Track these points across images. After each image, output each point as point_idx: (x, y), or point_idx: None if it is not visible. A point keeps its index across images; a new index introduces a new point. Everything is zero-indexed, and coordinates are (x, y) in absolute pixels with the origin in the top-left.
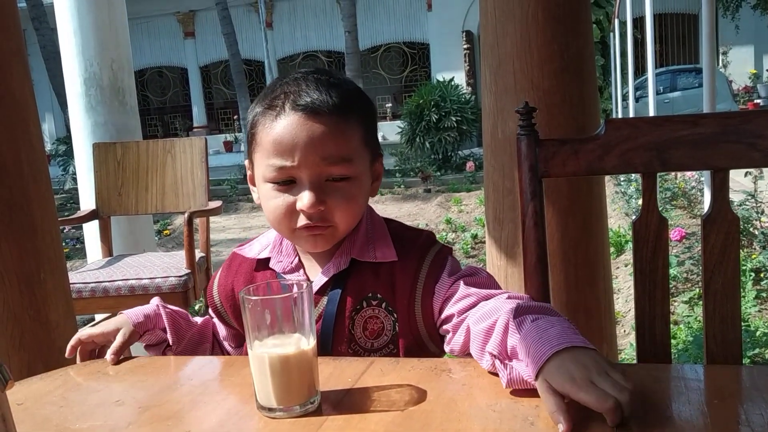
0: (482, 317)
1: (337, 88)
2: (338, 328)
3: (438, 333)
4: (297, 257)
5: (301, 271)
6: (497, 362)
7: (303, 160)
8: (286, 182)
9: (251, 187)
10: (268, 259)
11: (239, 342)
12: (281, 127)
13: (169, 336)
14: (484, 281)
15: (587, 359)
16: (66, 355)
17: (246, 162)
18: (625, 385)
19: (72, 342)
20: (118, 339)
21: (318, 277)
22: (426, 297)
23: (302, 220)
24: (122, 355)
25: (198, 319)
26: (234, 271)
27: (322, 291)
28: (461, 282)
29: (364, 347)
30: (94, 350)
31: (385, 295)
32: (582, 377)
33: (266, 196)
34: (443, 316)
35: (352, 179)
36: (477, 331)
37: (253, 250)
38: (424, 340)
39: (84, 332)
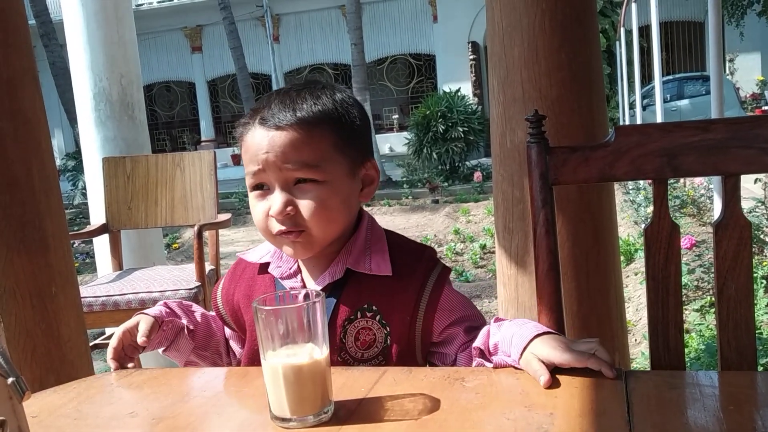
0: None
1: (305, 102)
2: (330, 338)
3: (429, 350)
4: (295, 263)
5: (299, 277)
6: (482, 359)
7: (267, 164)
8: (261, 188)
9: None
10: (268, 264)
11: (242, 343)
12: (250, 139)
13: (186, 323)
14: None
15: (560, 338)
16: (114, 370)
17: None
18: (594, 344)
19: (112, 356)
20: (143, 326)
21: (313, 285)
22: (429, 315)
23: (277, 226)
24: (148, 343)
25: (201, 309)
26: (237, 276)
27: None
28: (462, 330)
29: (353, 357)
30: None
31: (382, 308)
32: (561, 347)
33: (251, 204)
34: (440, 350)
35: (323, 183)
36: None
37: (256, 255)
38: (416, 354)
39: (112, 346)
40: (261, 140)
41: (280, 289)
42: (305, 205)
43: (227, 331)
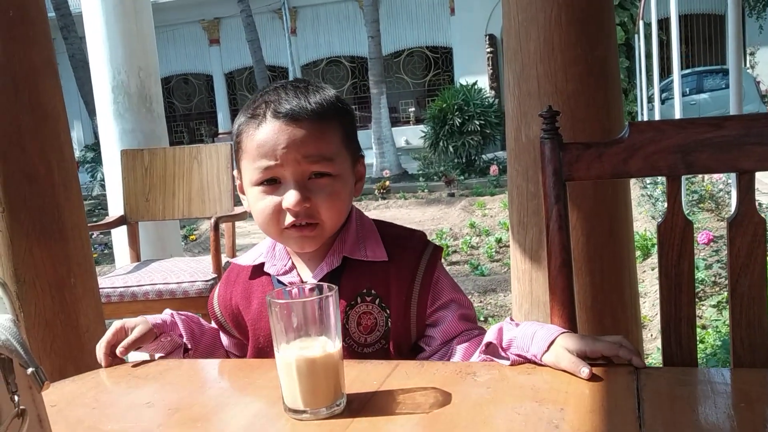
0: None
1: (315, 95)
2: None
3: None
4: (290, 259)
5: (294, 272)
6: (490, 355)
7: (285, 158)
8: (272, 182)
9: (241, 195)
10: (263, 265)
11: (242, 351)
12: (263, 132)
13: (185, 341)
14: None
15: (585, 335)
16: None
17: (234, 172)
18: (620, 338)
19: (104, 350)
20: (132, 335)
21: (309, 278)
22: (423, 295)
23: (289, 219)
24: (132, 351)
25: (208, 325)
26: (232, 281)
27: None
28: (452, 314)
29: (357, 342)
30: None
31: (380, 291)
32: (589, 339)
33: (254, 199)
34: (427, 333)
35: (335, 176)
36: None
37: (248, 258)
38: (413, 337)
39: (105, 339)
40: (278, 134)
41: (278, 287)
42: (320, 198)
43: (225, 341)
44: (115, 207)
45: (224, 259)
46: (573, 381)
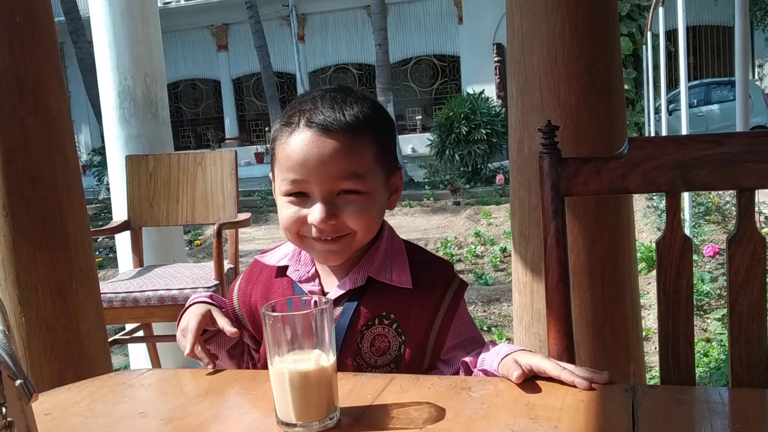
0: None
1: (352, 107)
2: (347, 341)
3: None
4: (314, 267)
5: (317, 281)
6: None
7: (313, 175)
8: (299, 195)
9: (276, 198)
10: (286, 267)
11: (256, 343)
12: (295, 142)
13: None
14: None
15: (540, 354)
16: (187, 354)
17: (270, 174)
18: (585, 370)
19: (192, 346)
20: (220, 317)
21: (334, 290)
22: (443, 330)
23: (314, 232)
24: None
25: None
26: (254, 278)
27: (337, 302)
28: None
29: (368, 362)
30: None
31: (399, 317)
32: (539, 357)
33: (282, 207)
34: (438, 366)
35: (364, 194)
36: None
37: (274, 258)
38: (424, 367)
39: (195, 338)
40: (309, 146)
41: (297, 293)
42: (348, 215)
43: None
44: (120, 212)
45: (227, 265)
46: (568, 398)
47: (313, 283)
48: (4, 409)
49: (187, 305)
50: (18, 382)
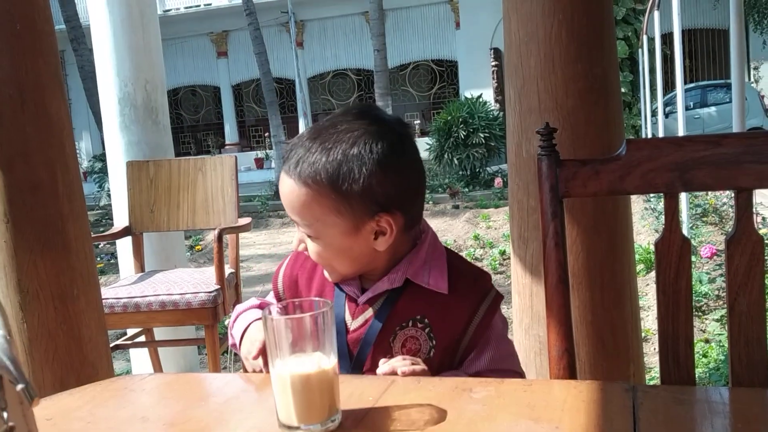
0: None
1: (314, 155)
2: (380, 339)
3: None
4: None
5: (357, 279)
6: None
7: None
8: None
9: None
10: None
11: None
12: (281, 176)
13: None
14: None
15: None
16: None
17: None
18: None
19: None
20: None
21: (372, 288)
22: (475, 338)
23: None
24: None
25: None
26: (300, 264)
27: (374, 301)
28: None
29: None
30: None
31: (433, 322)
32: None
33: None
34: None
35: (318, 239)
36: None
37: None
38: (448, 368)
39: (255, 346)
40: (282, 184)
41: (336, 289)
42: (309, 250)
43: None
44: (121, 218)
45: (228, 270)
46: (569, 399)
47: (353, 281)
48: (5, 414)
49: (248, 320)
50: (19, 386)
